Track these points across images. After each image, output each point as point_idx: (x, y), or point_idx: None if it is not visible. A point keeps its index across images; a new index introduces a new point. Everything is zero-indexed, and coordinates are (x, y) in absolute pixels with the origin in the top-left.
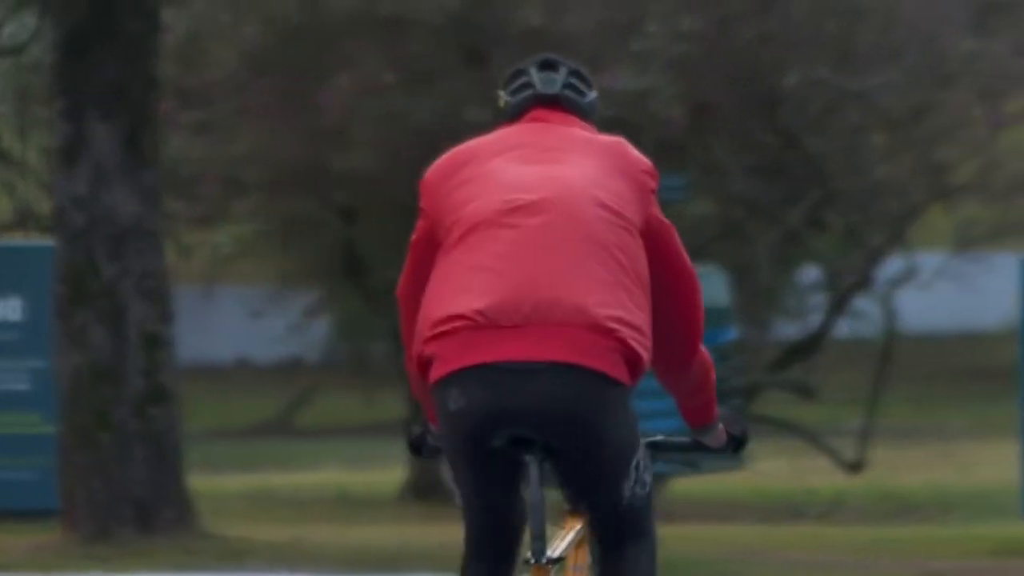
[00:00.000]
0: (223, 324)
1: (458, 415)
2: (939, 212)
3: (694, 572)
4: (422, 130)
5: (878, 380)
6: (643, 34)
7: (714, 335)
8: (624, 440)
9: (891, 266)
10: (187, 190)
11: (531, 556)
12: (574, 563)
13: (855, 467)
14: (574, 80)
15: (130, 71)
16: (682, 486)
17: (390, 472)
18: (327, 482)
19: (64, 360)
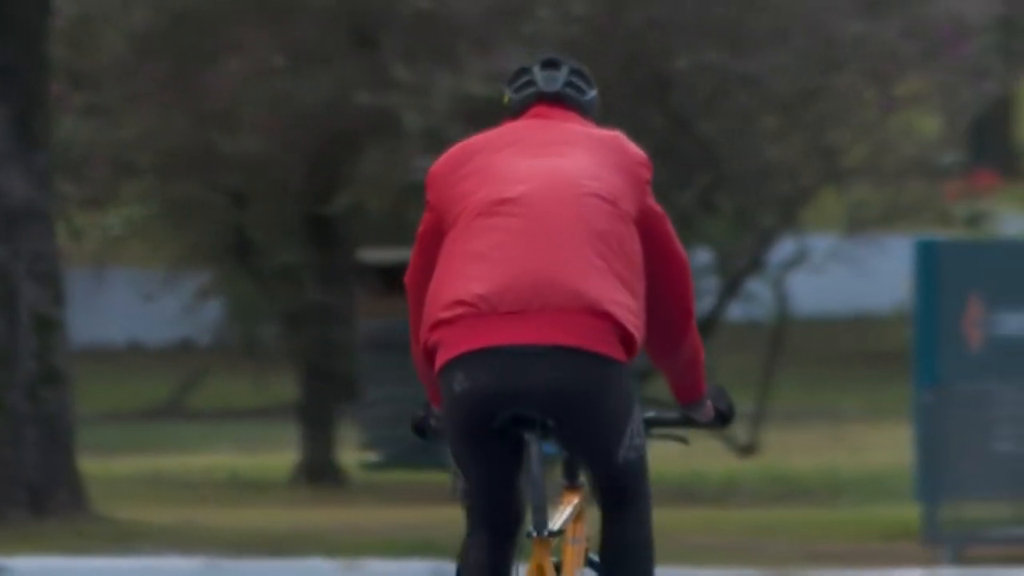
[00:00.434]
0: (115, 306)
1: (463, 397)
2: (830, 195)
3: None
4: (310, 114)
5: (770, 363)
6: (533, 18)
7: None
8: (619, 411)
9: (782, 249)
10: (78, 172)
11: (533, 529)
12: (572, 535)
13: (747, 450)
14: (575, 79)
15: (21, 54)
16: None
17: (281, 455)
18: (219, 465)
19: None
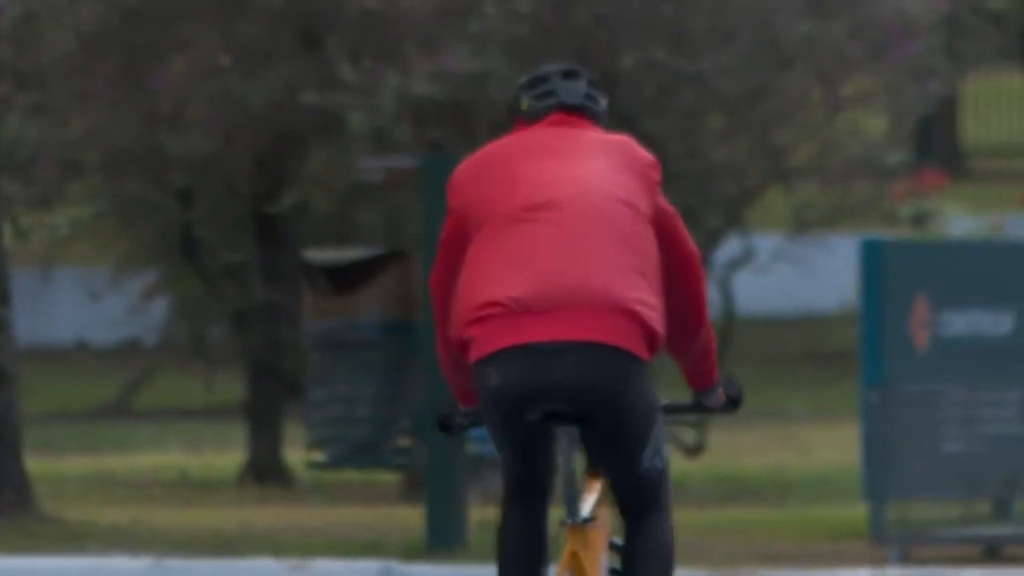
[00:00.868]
0: (61, 306)
1: (497, 392)
2: (776, 194)
3: None
4: (257, 113)
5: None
6: (480, 15)
7: None
8: (645, 411)
9: (728, 248)
10: (24, 172)
11: (567, 517)
12: (597, 520)
13: (694, 450)
14: (592, 90)
15: None
16: None
17: (229, 455)
18: (166, 464)
19: None
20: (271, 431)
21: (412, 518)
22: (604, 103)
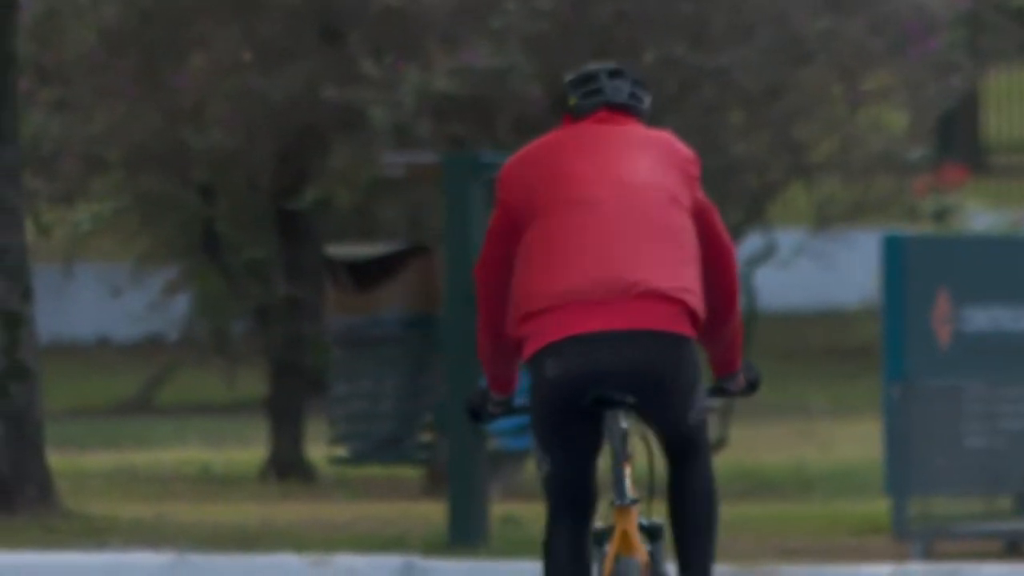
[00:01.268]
0: (83, 302)
1: (555, 380)
2: (798, 190)
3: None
4: (278, 109)
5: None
6: (501, 12)
7: None
8: (691, 381)
9: (750, 244)
10: (47, 168)
11: (616, 499)
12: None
13: (716, 445)
14: (636, 89)
15: None
16: None
17: (251, 450)
18: (188, 460)
19: None
20: (293, 427)
21: (434, 513)
22: (648, 101)
